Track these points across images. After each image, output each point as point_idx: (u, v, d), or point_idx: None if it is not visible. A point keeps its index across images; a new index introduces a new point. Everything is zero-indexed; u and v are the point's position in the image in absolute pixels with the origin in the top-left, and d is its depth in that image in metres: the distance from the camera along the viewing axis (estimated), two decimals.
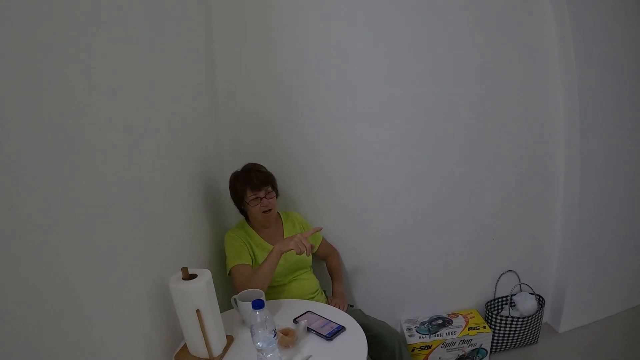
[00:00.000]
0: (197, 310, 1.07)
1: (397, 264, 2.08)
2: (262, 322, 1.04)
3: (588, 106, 1.90)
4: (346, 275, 2.06)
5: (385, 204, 2.00)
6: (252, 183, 1.60)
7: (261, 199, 1.61)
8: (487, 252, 2.14)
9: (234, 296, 1.33)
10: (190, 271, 1.12)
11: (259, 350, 1.04)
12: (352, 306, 1.87)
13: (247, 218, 1.73)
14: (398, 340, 1.64)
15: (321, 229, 1.59)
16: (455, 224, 2.07)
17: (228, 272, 1.58)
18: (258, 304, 1.05)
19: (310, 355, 1.15)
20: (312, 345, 1.22)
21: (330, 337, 1.23)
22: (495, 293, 2.17)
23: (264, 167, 1.69)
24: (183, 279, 1.10)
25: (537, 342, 2.15)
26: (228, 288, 1.64)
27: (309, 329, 1.28)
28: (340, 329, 1.27)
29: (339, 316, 1.38)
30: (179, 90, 1.42)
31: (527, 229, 2.16)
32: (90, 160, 0.89)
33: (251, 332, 1.06)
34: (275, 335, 1.05)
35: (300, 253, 1.44)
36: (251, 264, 1.60)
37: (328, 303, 1.73)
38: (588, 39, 1.85)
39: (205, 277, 1.11)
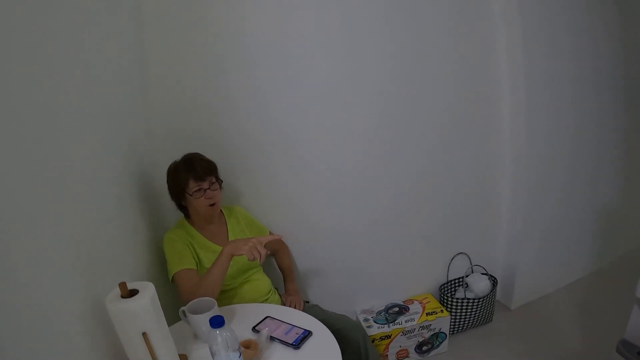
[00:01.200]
0: (144, 333, 0.89)
1: (349, 255, 1.99)
2: (223, 342, 0.88)
3: (533, 92, 1.93)
4: (297, 271, 1.93)
5: (334, 195, 1.88)
6: (195, 172, 1.41)
7: (205, 190, 1.43)
8: (438, 237, 2.12)
9: (183, 308, 1.15)
10: (130, 286, 0.93)
11: None
12: (307, 302, 1.76)
13: (186, 215, 1.54)
14: (362, 334, 1.56)
15: (280, 237, 1.42)
16: (405, 212, 2.01)
17: (171, 278, 1.39)
18: (217, 322, 0.89)
19: None
20: (278, 355, 1.09)
21: (297, 344, 1.11)
22: (448, 276, 2.17)
23: (206, 157, 1.50)
24: (122, 296, 0.90)
25: (491, 320, 2.19)
26: (172, 296, 1.44)
27: (272, 338, 1.14)
28: (307, 334, 1.15)
29: (302, 319, 1.26)
30: (99, 72, 1.19)
31: (476, 213, 2.17)
32: None
33: (211, 353, 0.90)
34: (240, 354, 0.90)
35: (254, 260, 1.29)
36: (196, 268, 1.42)
37: (282, 302, 1.62)
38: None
39: (148, 293, 0.92)
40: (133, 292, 0.92)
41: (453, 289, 2.18)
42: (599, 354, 1.89)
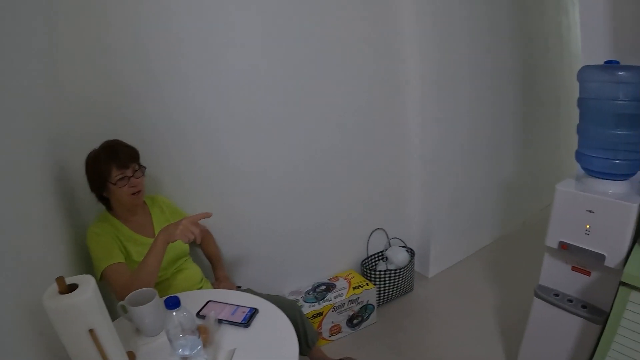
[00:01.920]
0: (91, 330, 0.82)
1: (272, 240, 2.02)
2: (180, 324, 0.86)
3: (430, 77, 2.16)
4: (223, 259, 1.91)
5: (253, 182, 1.89)
6: (118, 159, 1.33)
7: (129, 178, 1.35)
8: (356, 216, 2.25)
9: (121, 302, 1.08)
10: (68, 280, 0.85)
11: (184, 358, 0.86)
12: (239, 287, 1.75)
13: (108, 208, 1.44)
14: (298, 311, 1.60)
15: (211, 214, 1.39)
16: (323, 191, 2.09)
17: (99, 275, 1.28)
18: (173, 303, 0.87)
19: (235, 348, 1.02)
20: (230, 336, 1.08)
21: (246, 322, 1.12)
22: (368, 251, 2.32)
23: (127, 143, 1.41)
24: (60, 292, 0.82)
25: (412, 289, 2.39)
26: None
27: (219, 321, 1.13)
28: (254, 312, 1.16)
29: (243, 298, 1.27)
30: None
31: (390, 191, 2.35)
32: None
33: (169, 339, 0.87)
34: (199, 336, 0.89)
35: (189, 242, 1.26)
36: (125, 261, 1.33)
37: None
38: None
39: (89, 286, 0.86)
40: (72, 287, 0.85)
41: (374, 263, 2.33)
42: (518, 304, 2.09)
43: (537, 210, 3.12)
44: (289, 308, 1.58)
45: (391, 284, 2.21)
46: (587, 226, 1.31)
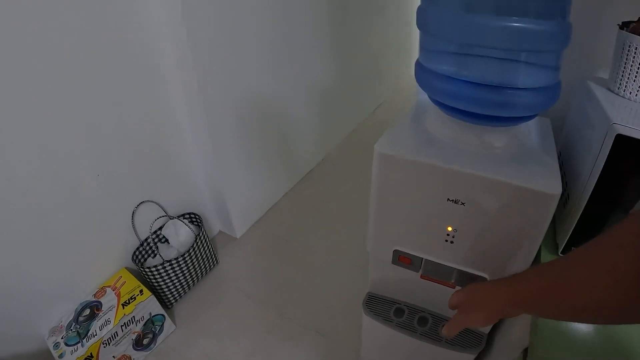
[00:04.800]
0: None
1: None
2: None
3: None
4: None
5: None
6: None
7: None
8: (113, 192, 1.47)
9: None
10: None
11: None
12: None
13: None
14: None
15: None
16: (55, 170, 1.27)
17: None
18: None
19: None
20: None
21: None
22: (138, 237, 1.58)
23: None
24: None
25: (217, 262, 1.81)
26: None
27: None
28: None
29: None
30: None
31: (159, 155, 1.58)
32: None
33: None
34: None
35: None
36: None
37: None
38: None
39: None
40: None
41: (150, 252, 1.65)
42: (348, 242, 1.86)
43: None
44: None
45: (179, 275, 1.57)
46: (449, 228, 0.72)
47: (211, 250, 1.70)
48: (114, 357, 1.40)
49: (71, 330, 1.38)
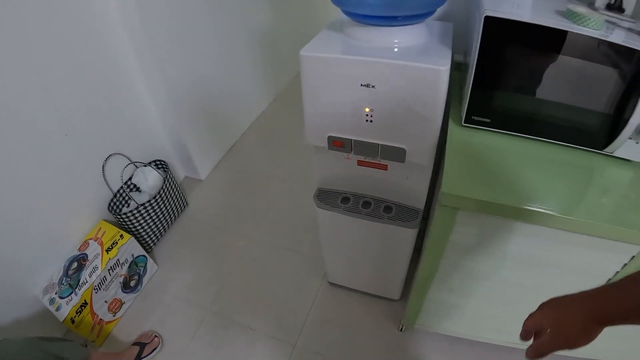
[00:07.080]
0: None
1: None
2: None
3: None
4: None
5: None
6: None
7: None
8: (80, 147, 1.54)
9: None
10: None
11: None
12: None
13: None
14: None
15: None
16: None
17: None
18: None
19: None
20: None
21: None
22: (111, 189, 1.68)
23: None
24: None
25: (187, 204, 1.94)
26: None
27: None
28: None
29: None
30: None
31: (117, 107, 1.65)
32: None
33: None
34: None
35: None
36: None
37: None
38: None
39: None
40: None
41: (126, 200, 1.75)
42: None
43: None
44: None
45: (153, 217, 1.70)
46: (367, 110, 0.87)
47: (180, 193, 1.83)
48: (105, 301, 1.53)
49: (63, 284, 1.49)
